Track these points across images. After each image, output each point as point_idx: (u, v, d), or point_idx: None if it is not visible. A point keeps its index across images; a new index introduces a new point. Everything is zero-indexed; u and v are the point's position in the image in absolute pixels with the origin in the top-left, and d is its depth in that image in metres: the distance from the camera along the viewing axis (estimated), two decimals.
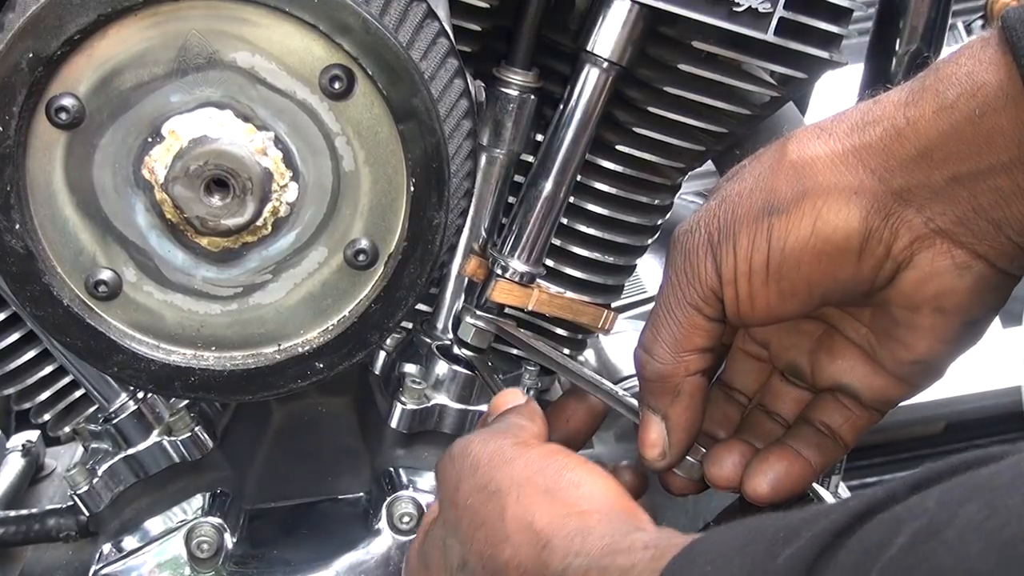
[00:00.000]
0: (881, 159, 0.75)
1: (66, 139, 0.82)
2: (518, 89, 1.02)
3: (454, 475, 0.81)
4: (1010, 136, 0.70)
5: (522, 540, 0.74)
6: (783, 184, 0.78)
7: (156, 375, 0.88)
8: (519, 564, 0.73)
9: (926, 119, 0.73)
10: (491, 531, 0.76)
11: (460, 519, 0.79)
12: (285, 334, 0.89)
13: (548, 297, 1.07)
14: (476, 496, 0.78)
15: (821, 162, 0.77)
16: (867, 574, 0.50)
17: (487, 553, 0.76)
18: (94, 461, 1.09)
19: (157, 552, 1.06)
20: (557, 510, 0.74)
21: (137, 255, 0.86)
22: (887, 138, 0.75)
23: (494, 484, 0.78)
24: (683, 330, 0.83)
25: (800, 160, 0.78)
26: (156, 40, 0.80)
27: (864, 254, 0.77)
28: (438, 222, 0.85)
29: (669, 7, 0.95)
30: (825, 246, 0.77)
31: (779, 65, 1.01)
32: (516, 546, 0.74)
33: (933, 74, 0.74)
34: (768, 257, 0.78)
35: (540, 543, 0.73)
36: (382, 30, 0.79)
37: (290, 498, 1.14)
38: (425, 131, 0.82)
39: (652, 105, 1.03)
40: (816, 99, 1.40)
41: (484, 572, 0.76)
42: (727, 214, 0.80)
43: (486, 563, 0.76)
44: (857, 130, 0.76)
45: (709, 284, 0.81)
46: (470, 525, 0.78)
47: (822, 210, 0.76)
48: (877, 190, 0.75)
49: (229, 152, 0.82)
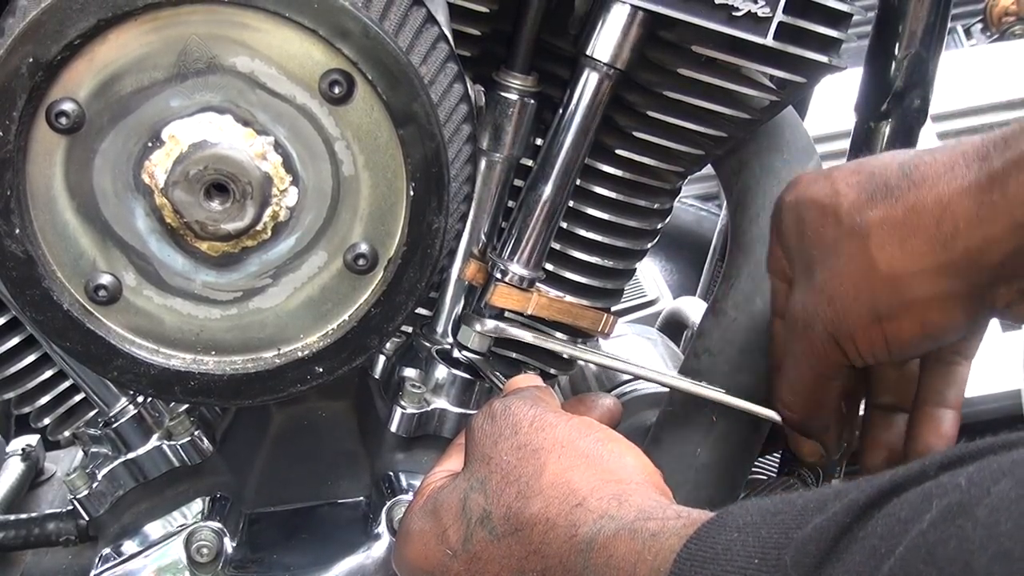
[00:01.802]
0: (966, 269, 0.82)
1: (66, 144, 0.82)
2: (518, 93, 1.02)
3: (492, 432, 0.83)
4: None
5: (555, 496, 0.76)
6: (884, 294, 0.85)
7: (156, 379, 0.88)
8: (548, 519, 0.75)
9: (1000, 240, 0.79)
10: (524, 487, 0.78)
11: (491, 474, 0.80)
12: (285, 338, 0.89)
13: (548, 301, 1.07)
14: (514, 454, 0.80)
15: (912, 278, 0.84)
16: (895, 547, 0.51)
17: (515, 507, 0.77)
18: (94, 465, 1.09)
19: (157, 556, 1.06)
20: (596, 474, 0.77)
21: (137, 259, 0.86)
22: (969, 254, 0.81)
23: (535, 444, 0.80)
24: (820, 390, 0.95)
25: (891, 274, 0.84)
26: (156, 45, 0.80)
27: (972, 328, 0.88)
28: (438, 226, 0.85)
29: (668, 11, 0.95)
30: (937, 334, 0.86)
31: (778, 69, 1.01)
32: (548, 501, 0.76)
33: (999, 189, 0.78)
34: (887, 350, 0.88)
35: (574, 501, 0.75)
36: (382, 35, 0.79)
37: (290, 502, 1.14)
38: (425, 136, 0.82)
39: (651, 109, 1.03)
40: (815, 103, 1.40)
41: (506, 525, 0.78)
42: (839, 315, 0.88)
43: (511, 517, 0.77)
44: (938, 245, 0.82)
45: (838, 362, 0.91)
46: (502, 480, 0.80)
47: (926, 315, 0.84)
48: (971, 290, 0.83)
49: (229, 157, 0.82)
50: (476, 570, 0.79)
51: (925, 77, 1.19)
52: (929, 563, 0.49)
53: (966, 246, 0.81)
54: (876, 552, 0.53)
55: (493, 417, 0.85)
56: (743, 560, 0.60)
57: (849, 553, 0.55)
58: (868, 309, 0.86)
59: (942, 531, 0.50)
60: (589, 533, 0.72)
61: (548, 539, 0.75)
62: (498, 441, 0.82)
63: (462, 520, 0.81)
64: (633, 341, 1.51)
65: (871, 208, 0.85)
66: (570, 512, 0.75)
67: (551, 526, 0.75)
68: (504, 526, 0.78)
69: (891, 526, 0.53)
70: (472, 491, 0.81)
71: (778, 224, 0.95)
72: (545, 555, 0.75)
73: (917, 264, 0.83)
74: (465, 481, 0.83)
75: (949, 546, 0.48)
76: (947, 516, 0.50)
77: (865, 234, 0.85)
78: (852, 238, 0.86)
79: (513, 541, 0.77)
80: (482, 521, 0.79)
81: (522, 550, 0.77)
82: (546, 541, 0.75)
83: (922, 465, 0.56)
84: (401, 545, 0.87)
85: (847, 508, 0.57)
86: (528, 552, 0.76)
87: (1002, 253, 0.79)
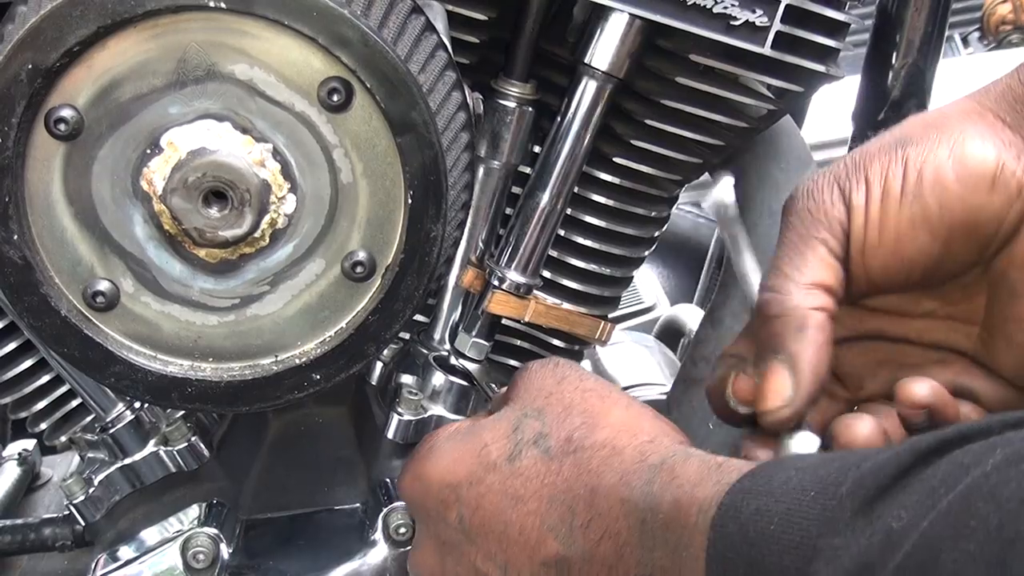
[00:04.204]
0: (1007, 110, 0.77)
1: (65, 150, 0.82)
2: (516, 101, 1.03)
3: (556, 373, 0.83)
4: None
5: (625, 431, 0.76)
6: (913, 128, 0.79)
7: (153, 386, 0.88)
8: (615, 447, 0.75)
9: None
10: (590, 418, 0.78)
11: (551, 406, 0.80)
12: (282, 345, 0.89)
13: (545, 308, 1.08)
14: (579, 394, 0.80)
15: (949, 112, 0.79)
16: (955, 486, 0.52)
17: (579, 433, 0.77)
18: (90, 471, 1.09)
19: (153, 562, 1.06)
20: (664, 428, 0.78)
21: (135, 266, 0.86)
22: (1009, 94, 0.78)
23: (602, 392, 0.81)
24: (808, 263, 0.80)
25: (926, 116, 0.80)
26: (155, 52, 0.80)
27: (997, 184, 0.77)
28: (435, 234, 0.85)
29: (666, 20, 0.95)
30: (962, 169, 0.77)
31: (776, 78, 1.01)
32: (616, 433, 0.76)
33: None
34: (904, 179, 0.78)
35: (645, 438, 0.75)
36: (380, 43, 0.79)
37: (286, 509, 1.14)
38: (423, 144, 0.82)
39: (649, 118, 1.03)
40: (813, 112, 1.41)
41: (565, 446, 0.77)
42: (854, 156, 0.80)
43: (573, 439, 0.77)
44: (977, 93, 0.79)
45: (836, 216, 0.79)
46: (564, 412, 0.79)
47: (957, 139, 0.77)
48: (1007, 135, 0.77)
49: (227, 164, 0.82)
50: (515, 485, 0.77)
51: (922, 86, 1.19)
52: (989, 501, 0.49)
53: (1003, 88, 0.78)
54: (935, 492, 0.53)
55: (556, 364, 0.84)
56: (798, 492, 0.60)
57: (906, 492, 0.55)
58: (893, 139, 0.79)
59: (1004, 474, 0.50)
60: (658, 460, 0.72)
61: (610, 463, 0.74)
62: (561, 381, 0.82)
63: (510, 439, 0.79)
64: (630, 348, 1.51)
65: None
66: (640, 444, 0.74)
67: (616, 452, 0.74)
68: (562, 447, 0.77)
69: (952, 470, 0.53)
70: (527, 417, 0.80)
71: None
72: (601, 474, 0.73)
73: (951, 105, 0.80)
74: (516, 410, 0.81)
75: (1010, 486, 0.49)
76: (1010, 461, 0.50)
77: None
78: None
79: (568, 461, 0.76)
80: (536, 441, 0.78)
81: (575, 471, 0.75)
82: (608, 463, 0.74)
83: (988, 422, 0.57)
84: (423, 463, 0.84)
85: (909, 450, 0.57)
86: (582, 471, 0.75)
87: None
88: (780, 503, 0.60)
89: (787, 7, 0.95)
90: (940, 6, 1.17)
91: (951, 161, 0.77)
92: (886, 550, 0.52)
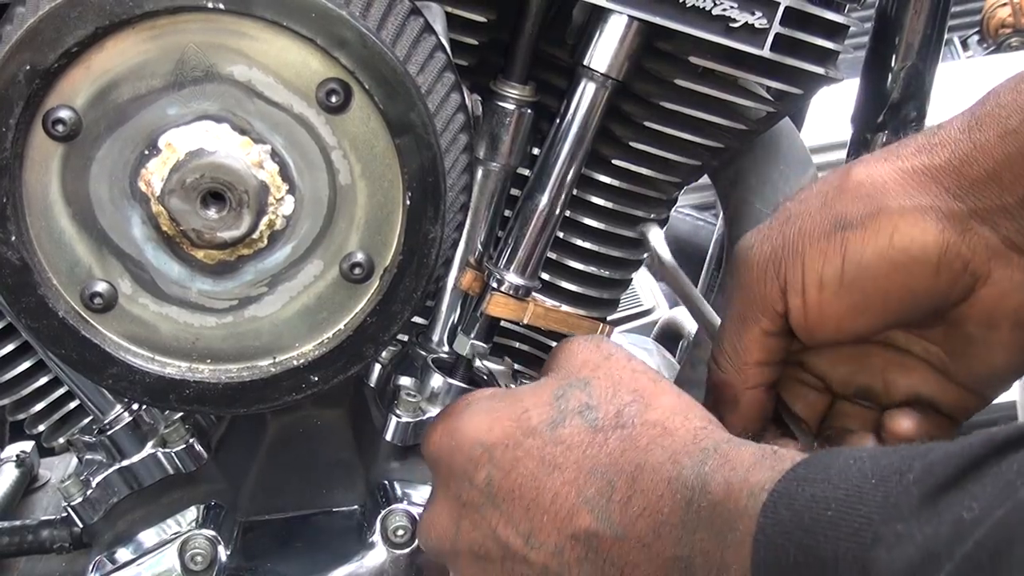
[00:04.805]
0: (952, 180, 0.76)
1: (63, 151, 0.82)
2: (515, 103, 1.03)
3: (602, 350, 0.80)
4: None
5: (677, 412, 0.74)
6: (853, 204, 0.78)
7: (151, 387, 0.88)
8: (666, 428, 0.73)
9: (992, 143, 0.75)
10: (641, 397, 0.76)
11: (598, 379, 0.77)
12: (280, 347, 0.89)
13: (544, 311, 1.07)
14: (627, 372, 0.78)
15: (891, 182, 0.78)
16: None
17: (630, 410, 0.75)
18: (88, 472, 1.09)
19: (151, 564, 1.06)
20: (715, 419, 0.76)
21: (133, 267, 0.86)
22: (955, 160, 0.76)
23: (652, 374, 0.78)
24: (743, 343, 0.84)
25: (869, 181, 0.78)
26: (153, 53, 0.80)
27: (941, 267, 0.77)
28: (434, 236, 0.85)
29: (666, 22, 0.95)
30: (903, 257, 0.77)
31: (775, 81, 1.01)
32: (669, 415, 0.74)
33: (993, 100, 0.76)
34: (843, 269, 0.78)
35: (698, 424, 0.73)
36: (379, 44, 0.79)
37: (284, 511, 1.13)
38: (421, 145, 0.82)
39: (648, 120, 1.03)
40: (812, 114, 1.41)
41: (614, 420, 0.74)
42: (792, 230, 0.80)
43: (623, 415, 0.74)
44: (924, 151, 0.77)
45: (770, 298, 0.81)
46: (613, 386, 0.77)
47: (899, 224, 0.77)
48: (952, 207, 0.76)
49: (226, 165, 0.82)
50: (554, 453, 0.74)
51: (921, 89, 1.19)
52: None
53: (952, 151, 0.76)
54: (1011, 484, 0.51)
55: (600, 340, 0.82)
56: (858, 479, 0.58)
57: (979, 483, 0.53)
58: (832, 219, 0.78)
59: None
60: (711, 444, 0.70)
61: (660, 442, 0.72)
62: (609, 358, 0.79)
63: (553, 406, 0.76)
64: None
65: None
66: (693, 428, 0.72)
67: (668, 432, 0.72)
68: (611, 421, 0.74)
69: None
70: (572, 387, 0.77)
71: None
72: (650, 452, 0.71)
73: (896, 168, 0.78)
74: (559, 379, 0.79)
75: None
76: None
77: (855, 162, 0.81)
78: (843, 169, 0.82)
79: (615, 436, 0.73)
80: (581, 411, 0.75)
81: (621, 446, 0.73)
82: (658, 442, 0.72)
83: None
84: (459, 419, 0.81)
85: (983, 441, 0.55)
86: (628, 447, 0.72)
87: (990, 160, 0.75)
88: (839, 489, 0.58)
89: (786, 9, 0.95)
90: (939, 9, 1.17)
91: (892, 251, 0.77)
92: (954, 539, 0.50)
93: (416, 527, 0.87)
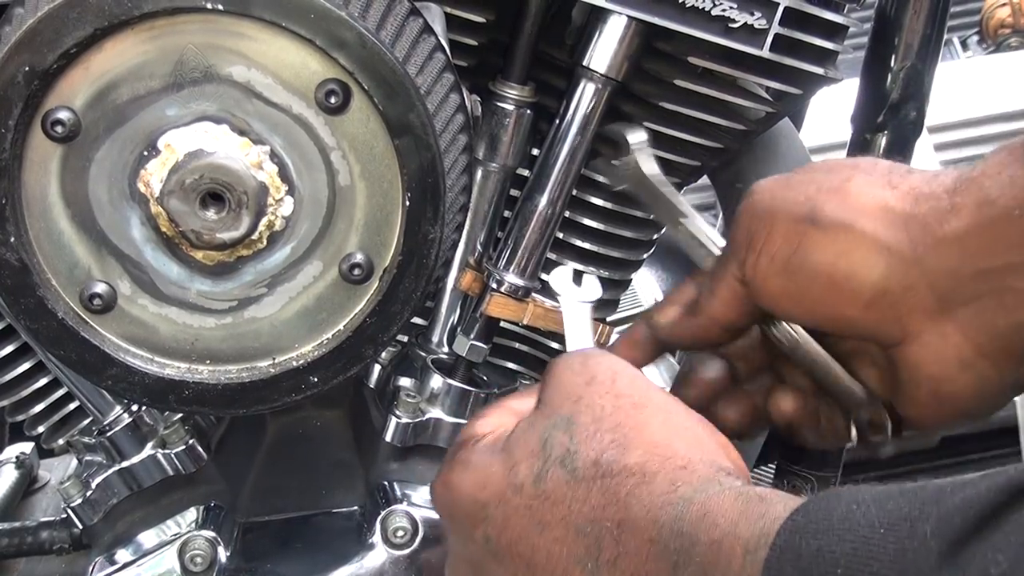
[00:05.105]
0: (922, 233, 0.77)
1: (62, 152, 0.82)
2: (514, 103, 1.02)
3: (585, 373, 0.78)
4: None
5: (658, 454, 0.71)
6: (833, 207, 0.80)
7: (150, 388, 0.88)
8: (646, 473, 0.70)
9: (968, 208, 0.75)
10: (623, 436, 0.73)
11: (580, 415, 0.75)
12: (280, 347, 0.89)
13: (543, 311, 1.07)
14: (611, 400, 0.76)
15: (874, 207, 0.79)
16: None
17: (608, 454, 0.72)
18: (88, 474, 1.09)
19: (150, 565, 1.06)
20: (703, 447, 0.73)
21: (132, 268, 0.86)
22: (932, 215, 0.77)
23: (636, 399, 0.76)
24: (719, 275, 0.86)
25: (858, 194, 0.80)
26: (153, 54, 0.80)
27: (872, 307, 0.78)
28: (433, 236, 0.85)
29: (665, 23, 0.95)
30: (841, 279, 0.78)
31: (774, 81, 1.01)
32: (649, 456, 0.71)
33: (981, 166, 0.77)
34: (791, 258, 0.80)
35: (679, 463, 0.70)
36: (378, 45, 0.79)
37: (284, 512, 1.13)
38: (421, 146, 0.82)
39: (648, 120, 1.03)
40: (812, 114, 1.41)
41: (593, 470, 0.73)
42: (784, 196, 0.82)
43: (601, 462, 0.72)
44: (912, 197, 0.78)
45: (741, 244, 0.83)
46: (593, 423, 0.75)
47: (853, 248, 0.78)
48: (908, 258, 0.77)
49: (225, 166, 0.82)
50: (541, 510, 0.73)
51: (921, 89, 1.19)
52: None
53: (932, 206, 0.77)
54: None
55: (584, 360, 0.79)
56: (866, 529, 0.55)
57: (1002, 532, 0.50)
58: (808, 210, 0.80)
59: None
60: (689, 492, 0.67)
61: (639, 492, 0.70)
62: (591, 383, 0.77)
63: (539, 457, 0.75)
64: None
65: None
66: (673, 471, 0.69)
67: (647, 479, 0.70)
68: (590, 470, 0.72)
69: None
70: (555, 429, 0.75)
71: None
72: (628, 507, 0.69)
73: (885, 199, 0.79)
74: (545, 418, 0.77)
75: None
76: None
77: (864, 165, 0.83)
78: (851, 164, 0.84)
79: (595, 487, 0.72)
80: (563, 461, 0.74)
81: (602, 499, 0.71)
82: (635, 494, 0.70)
83: None
84: (456, 473, 0.80)
85: (1001, 488, 0.52)
86: (609, 502, 0.71)
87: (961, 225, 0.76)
88: (845, 542, 0.55)
89: (786, 10, 0.95)
90: (939, 9, 1.17)
91: (835, 268, 0.79)
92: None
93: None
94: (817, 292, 0.80)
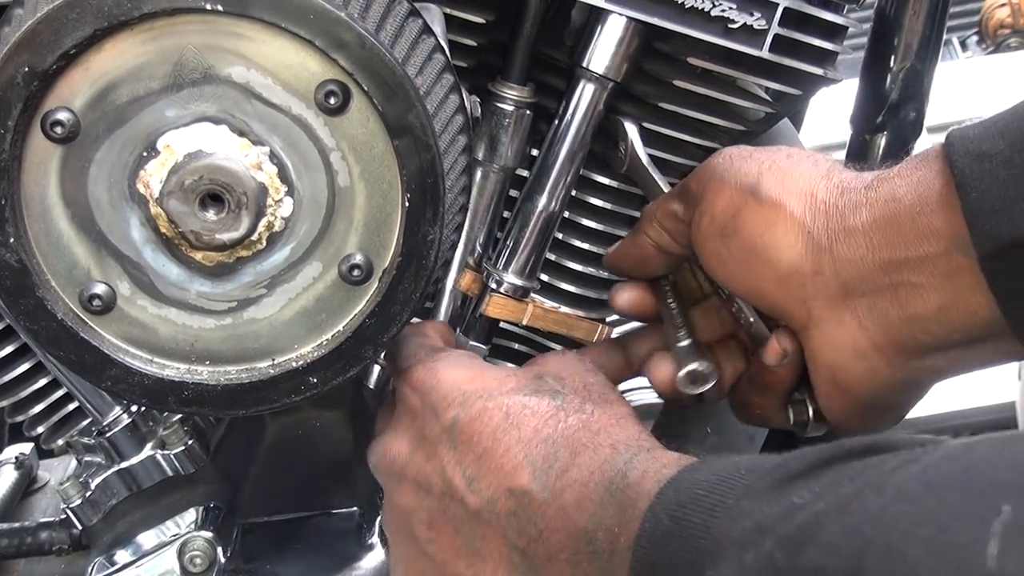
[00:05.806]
0: (837, 222, 0.81)
1: (61, 153, 0.82)
2: (514, 104, 1.03)
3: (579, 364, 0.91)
4: (940, 235, 0.76)
5: (631, 417, 0.83)
6: (773, 182, 0.85)
7: (150, 389, 0.88)
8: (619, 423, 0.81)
9: (878, 203, 0.80)
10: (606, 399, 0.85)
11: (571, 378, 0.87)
12: (279, 348, 0.89)
13: (543, 312, 1.07)
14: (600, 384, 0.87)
15: (805, 191, 0.84)
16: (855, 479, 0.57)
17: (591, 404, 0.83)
18: (87, 474, 1.09)
19: (150, 566, 1.06)
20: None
21: (132, 269, 0.86)
22: (848, 207, 0.81)
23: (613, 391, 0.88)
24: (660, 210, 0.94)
25: (798, 177, 0.85)
26: (152, 55, 0.80)
27: (783, 284, 0.83)
28: (433, 237, 0.85)
29: (664, 23, 0.95)
30: (759, 250, 0.84)
31: (774, 81, 1.01)
32: (624, 416, 0.83)
33: (899, 167, 0.81)
34: (724, 222, 0.86)
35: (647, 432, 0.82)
36: (378, 46, 0.79)
37: (283, 512, 1.13)
38: (420, 147, 0.82)
39: (647, 121, 1.03)
40: (811, 115, 1.41)
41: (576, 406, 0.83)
42: (738, 165, 0.87)
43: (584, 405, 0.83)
44: (839, 189, 0.83)
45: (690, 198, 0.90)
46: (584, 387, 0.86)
47: (778, 223, 0.83)
48: (823, 245, 0.81)
49: (224, 167, 0.82)
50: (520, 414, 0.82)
51: (920, 89, 1.19)
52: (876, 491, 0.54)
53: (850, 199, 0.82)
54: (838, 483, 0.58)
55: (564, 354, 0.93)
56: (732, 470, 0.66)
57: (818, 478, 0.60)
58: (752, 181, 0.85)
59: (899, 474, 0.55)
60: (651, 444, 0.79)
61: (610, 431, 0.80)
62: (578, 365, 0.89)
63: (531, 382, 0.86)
64: None
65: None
66: (639, 431, 0.81)
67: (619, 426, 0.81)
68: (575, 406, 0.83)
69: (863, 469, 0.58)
70: (548, 376, 0.87)
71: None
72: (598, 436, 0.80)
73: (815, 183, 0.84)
74: (537, 368, 0.88)
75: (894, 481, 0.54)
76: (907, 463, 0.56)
77: (805, 153, 0.88)
78: (799, 151, 0.89)
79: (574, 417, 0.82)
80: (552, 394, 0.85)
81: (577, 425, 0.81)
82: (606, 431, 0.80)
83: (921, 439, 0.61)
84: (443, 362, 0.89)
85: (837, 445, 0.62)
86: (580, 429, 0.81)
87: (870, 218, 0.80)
88: (715, 475, 0.66)
89: (785, 10, 0.95)
90: (938, 9, 1.17)
91: (758, 240, 0.84)
92: (782, 519, 0.57)
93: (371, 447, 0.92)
94: (741, 258, 0.85)
